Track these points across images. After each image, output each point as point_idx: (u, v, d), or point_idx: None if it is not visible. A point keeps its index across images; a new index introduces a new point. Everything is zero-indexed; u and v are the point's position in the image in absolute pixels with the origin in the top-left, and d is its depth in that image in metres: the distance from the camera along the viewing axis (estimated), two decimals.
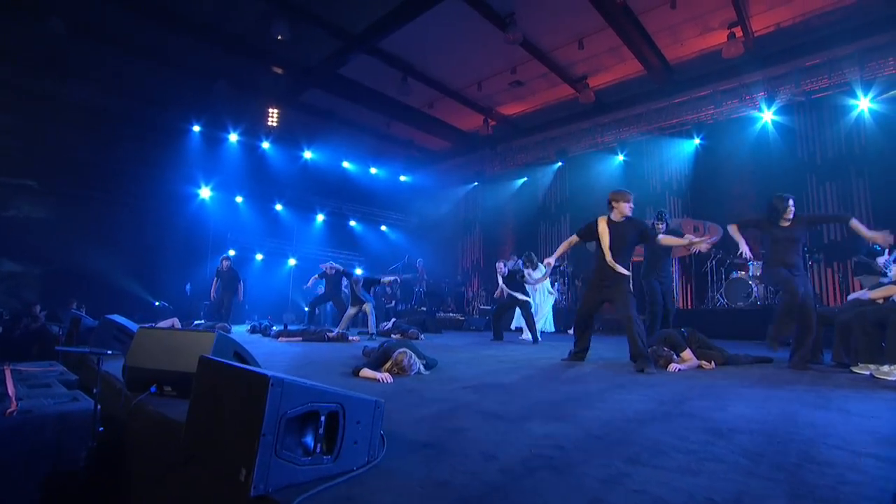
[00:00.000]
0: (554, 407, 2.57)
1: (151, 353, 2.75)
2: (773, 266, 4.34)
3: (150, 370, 2.69)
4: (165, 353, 2.71)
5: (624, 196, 4.53)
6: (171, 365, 2.66)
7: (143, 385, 2.69)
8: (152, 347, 2.78)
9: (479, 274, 15.60)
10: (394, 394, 2.92)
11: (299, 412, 1.39)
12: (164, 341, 2.79)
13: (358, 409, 1.52)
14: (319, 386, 1.48)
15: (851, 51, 8.96)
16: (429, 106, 13.17)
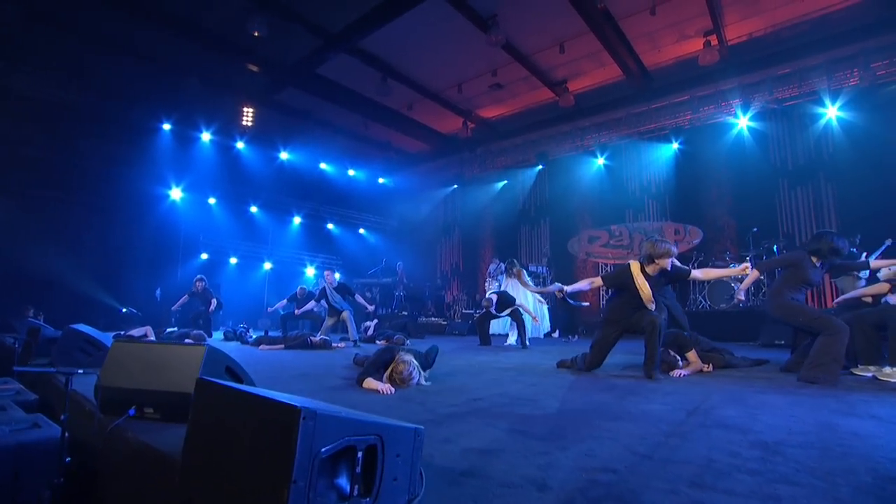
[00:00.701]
0: (579, 420, 2.43)
1: (129, 370, 2.44)
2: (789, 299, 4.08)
3: (127, 390, 2.38)
4: (146, 370, 2.42)
5: (669, 252, 4.20)
6: (153, 384, 2.37)
7: (119, 407, 2.36)
8: (130, 363, 2.47)
9: (458, 277, 15.45)
10: (402, 409, 2.73)
11: (335, 449, 1.17)
12: (144, 356, 2.49)
13: (398, 440, 1.30)
14: (356, 415, 1.26)
15: (820, 61, 9.26)
16: (408, 107, 12.98)
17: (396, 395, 3.21)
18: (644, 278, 4.20)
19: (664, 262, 4.16)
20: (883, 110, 8.74)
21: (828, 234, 4.20)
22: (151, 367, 2.42)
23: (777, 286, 4.21)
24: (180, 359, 2.41)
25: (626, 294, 4.27)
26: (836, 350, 3.67)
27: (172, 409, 2.30)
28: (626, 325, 4.30)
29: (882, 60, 8.78)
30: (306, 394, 3.18)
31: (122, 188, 10.85)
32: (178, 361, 2.40)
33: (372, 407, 2.72)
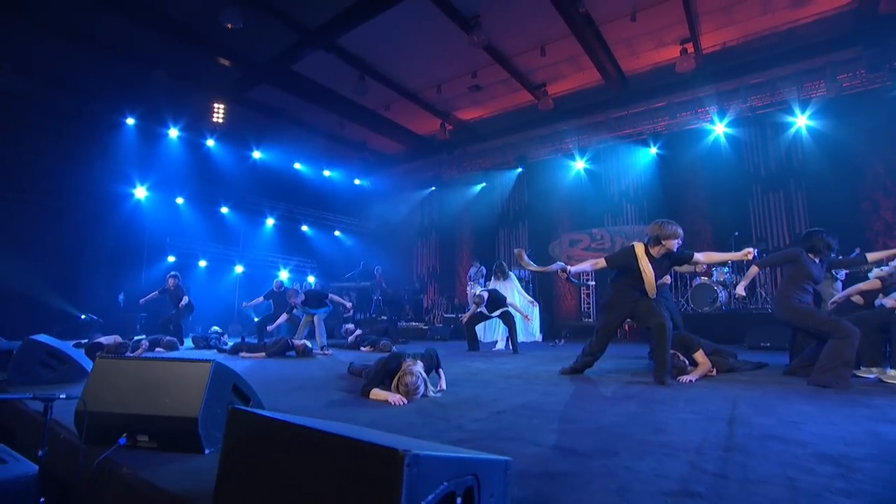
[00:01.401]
0: (620, 433, 2.29)
1: (118, 391, 2.13)
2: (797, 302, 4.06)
3: (117, 415, 2.07)
4: (140, 391, 2.11)
5: (676, 234, 4.10)
6: (149, 407, 2.07)
7: (107, 435, 2.06)
8: (119, 384, 2.16)
9: (435, 281, 15.26)
10: (428, 425, 2.51)
11: (437, 498, 0.96)
12: (136, 375, 2.18)
13: (491, 477, 1.09)
14: (451, 453, 1.04)
15: (790, 72, 9.59)
16: (386, 108, 12.75)
17: (412, 408, 3.00)
18: (648, 261, 4.12)
19: (671, 243, 4.08)
20: (848, 120, 9.11)
21: (818, 231, 4.28)
22: (146, 387, 2.12)
23: (783, 289, 4.19)
24: (182, 377, 2.12)
25: (630, 276, 4.17)
26: (847, 354, 3.66)
27: (172, 436, 2.02)
28: (629, 311, 4.22)
29: (847, 73, 9.16)
30: (313, 409, 2.95)
31: (82, 186, 10.15)
32: (178, 380, 2.11)
33: (395, 424, 2.51)
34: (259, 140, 12.68)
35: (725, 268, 8.21)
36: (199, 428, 1.98)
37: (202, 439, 1.99)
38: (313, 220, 14.72)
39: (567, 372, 4.55)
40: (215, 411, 2.09)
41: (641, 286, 4.12)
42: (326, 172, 14.63)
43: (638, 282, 4.12)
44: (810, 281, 4.13)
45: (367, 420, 2.64)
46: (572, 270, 4.35)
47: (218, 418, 2.11)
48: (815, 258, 4.17)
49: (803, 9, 8.80)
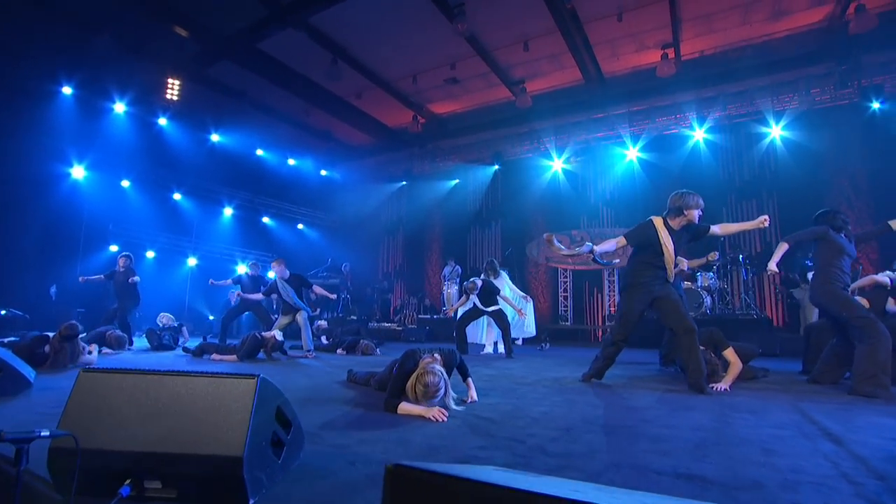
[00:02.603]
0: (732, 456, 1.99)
1: (117, 419, 1.55)
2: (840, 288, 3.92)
3: (116, 454, 1.49)
4: (148, 419, 1.54)
5: (698, 204, 3.95)
6: (163, 441, 1.50)
7: (102, 483, 1.48)
8: (117, 407, 1.58)
9: (402, 280, 14.71)
10: (498, 447, 2.09)
11: None
12: (142, 395, 1.60)
13: None
14: None
15: (766, 83, 9.87)
16: (356, 96, 12.12)
17: (462, 425, 2.55)
18: (668, 233, 3.93)
19: (693, 213, 3.92)
20: (818, 133, 9.48)
21: (830, 210, 4.28)
22: (160, 413, 1.55)
23: (823, 273, 4.02)
24: (214, 398, 1.55)
25: (649, 252, 3.97)
26: (883, 359, 3.54)
27: (201, 482, 1.47)
28: (652, 296, 3.97)
29: (819, 87, 9.52)
30: (346, 429, 2.42)
31: (7, 163, 8.80)
32: (210, 403, 1.55)
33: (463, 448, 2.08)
34: (218, 122, 11.64)
35: (710, 273, 8.27)
36: (244, 471, 1.44)
37: (247, 485, 1.45)
38: (275, 211, 13.75)
39: (589, 377, 4.25)
40: (260, 444, 1.56)
41: (661, 262, 3.92)
42: (291, 161, 13.72)
43: (657, 257, 3.92)
44: (846, 256, 4.02)
45: (425, 445, 2.18)
46: (598, 250, 4.08)
47: (263, 454, 1.58)
48: (839, 234, 4.11)
49: (779, 23, 9.05)
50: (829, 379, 4.17)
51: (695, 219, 3.94)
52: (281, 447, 1.73)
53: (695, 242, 4.23)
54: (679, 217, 3.95)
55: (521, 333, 7.52)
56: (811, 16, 8.80)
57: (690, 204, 3.92)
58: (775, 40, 9.39)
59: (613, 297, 10.79)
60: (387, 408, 2.87)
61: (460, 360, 3.33)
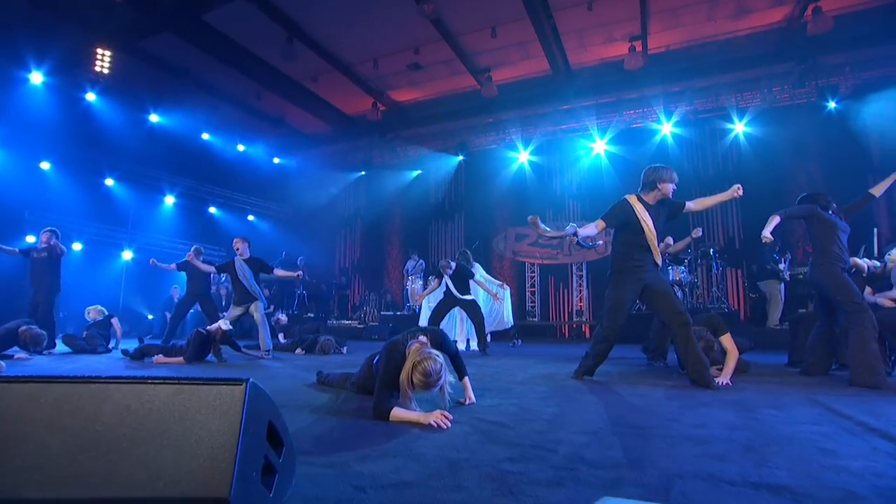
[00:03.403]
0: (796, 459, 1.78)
1: (30, 452, 1.02)
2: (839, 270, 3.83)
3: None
4: (76, 449, 1.02)
5: (671, 176, 3.82)
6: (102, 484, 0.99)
7: None
8: (33, 433, 1.04)
9: (360, 275, 14.08)
10: (528, 458, 1.74)
11: None
12: (69, 411, 1.07)
13: None
14: None
15: (729, 80, 10.05)
16: (312, 80, 11.41)
17: (473, 431, 2.15)
18: (644, 208, 3.78)
19: (667, 187, 3.79)
20: (778, 131, 9.74)
21: (810, 192, 4.31)
22: (100, 441, 1.03)
23: (823, 253, 3.92)
24: (183, 415, 1.08)
25: (629, 231, 3.80)
26: (871, 346, 3.54)
27: None
28: (642, 282, 3.74)
29: (780, 85, 9.78)
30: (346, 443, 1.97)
31: None
32: (176, 422, 1.07)
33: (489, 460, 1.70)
34: (157, 101, 10.55)
35: (682, 266, 8.26)
36: None
37: None
38: (223, 200, 12.71)
39: (581, 374, 3.95)
40: (249, 477, 1.07)
41: (644, 241, 3.75)
42: (241, 147, 12.75)
43: (639, 236, 3.75)
44: (840, 231, 3.97)
45: (443, 460, 1.75)
46: (581, 234, 3.81)
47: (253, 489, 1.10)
48: (827, 211, 4.08)
49: (742, 21, 9.22)
50: (820, 370, 4.12)
51: (669, 192, 3.81)
52: (272, 475, 1.25)
53: (672, 221, 4.07)
54: (653, 191, 3.82)
55: (499, 325, 7.15)
56: (772, 15, 9.01)
57: (664, 177, 3.79)
58: (739, 38, 9.56)
59: (582, 293, 10.70)
60: (376, 414, 2.38)
61: (455, 349, 2.91)
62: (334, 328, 9.49)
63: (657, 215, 3.84)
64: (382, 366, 2.54)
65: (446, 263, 6.43)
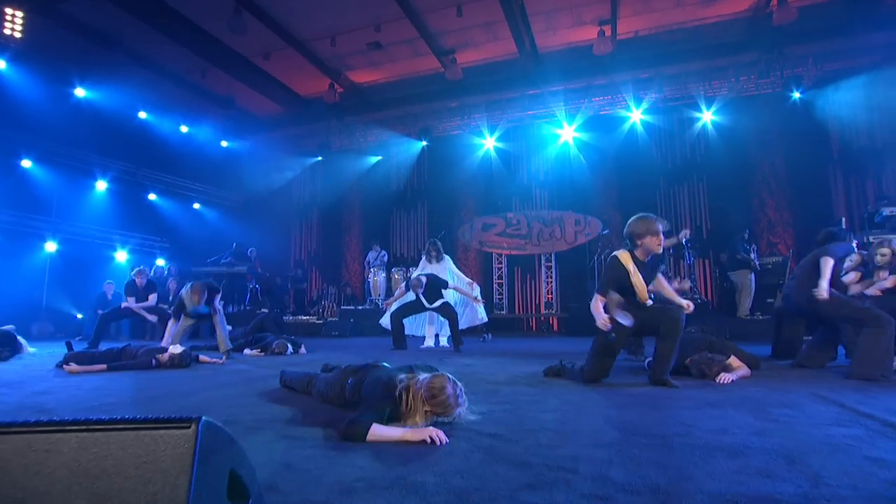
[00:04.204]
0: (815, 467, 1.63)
1: None
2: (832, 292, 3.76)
3: None
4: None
5: (655, 228, 3.28)
6: None
7: None
8: None
9: (317, 267, 13.34)
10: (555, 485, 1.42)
11: None
12: None
13: None
14: None
15: (699, 68, 9.97)
16: (264, 57, 10.57)
17: (471, 449, 1.78)
18: (635, 268, 3.31)
19: (650, 242, 3.25)
20: (745, 121, 9.75)
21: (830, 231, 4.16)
22: None
23: (811, 279, 3.81)
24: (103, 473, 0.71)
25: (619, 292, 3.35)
26: (887, 343, 3.46)
27: None
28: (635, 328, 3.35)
29: (746, 75, 9.77)
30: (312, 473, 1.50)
31: None
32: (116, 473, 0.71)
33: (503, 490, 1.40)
34: (84, 73, 9.40)
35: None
36: None
37: None
38: (165, 186, 11.60)
39: (550, 374, 3.72)
40: None
41: (632, 300, 3.33)
42: (184, 129, 11.67)
43: (629, 298, 3.32)
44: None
45: (447, 490, 1.42)
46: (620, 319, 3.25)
47: None
48: None
49: (710, 8, 9.11)
50: (818, 363, 4.06)
51: (655, 248, 3.28)
52: None
53: None
54: (637, 248, 3.33)
55: (473, 322, 6.75)
56: (739, 3, 8.94)
57: (650, 229, 3.27)
58: (707, 25, 9.45)
59: (551, 284, 10.45)
60: (348, 434, 1.93)
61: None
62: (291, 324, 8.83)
63: (649, 274, 3.39)
64: (377, 394, 2.14)
65: (417, 282, 5.98)
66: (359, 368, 2.54)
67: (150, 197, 11.45)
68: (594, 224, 9.86)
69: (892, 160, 8.72)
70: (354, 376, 2.48)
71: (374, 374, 2.34)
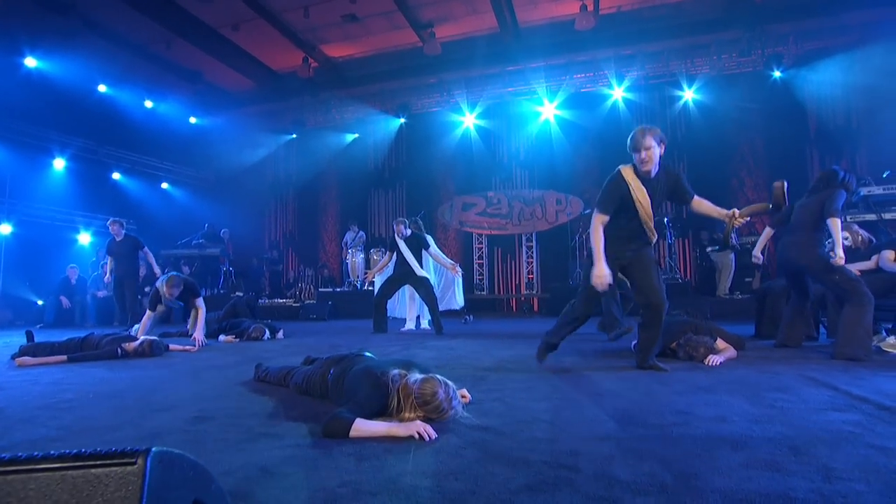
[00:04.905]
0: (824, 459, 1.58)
1: None
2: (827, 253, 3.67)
3: None
4: None
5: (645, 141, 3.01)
6: None
7: None
8: None
9: (293, 249, 13.01)
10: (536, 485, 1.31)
11: None
12: None
13: None
14: None
15: (680, 45, 9.85)
16: (233, 28, 10.05)
17: (455, 445, 1.68)
18: (643, 184, 3.04)
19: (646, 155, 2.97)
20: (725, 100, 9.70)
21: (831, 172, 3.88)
22: None
23: (810, 234, 3.75)
24: None
25: (623, 217, 3.10)
26: (867, 321, 3.46)
27: None
28: (619, 262, 3.18)
29: (728, 53, 9.70)
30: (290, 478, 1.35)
31: None
32: None
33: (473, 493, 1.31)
34: (35, 42, 8.74)
35: None
36: None
37: None
38: (129, 165, 11.01)
39: (543, 353, 3.44)
40: None
41: (636, 224, 3.10)
42: (149, 104, 11.05)
43: (632, 220, 3.09)
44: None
45: (441, 493, 1.32)
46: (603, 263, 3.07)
47: None
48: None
49: None
50: (795, 341, 4.05)
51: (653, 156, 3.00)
52: None
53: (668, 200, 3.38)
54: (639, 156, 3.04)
55: (448, 305, 6.62)
56: None
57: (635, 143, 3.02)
58: (689, 1, 9.33)
59: (532, 264, 10.39)
60: (330, 430, 1.80)
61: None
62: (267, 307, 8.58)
63: (656, 188, 3.10)
64: (364, 389, 2.00)
65: (401, 220, 5.84)
66: (342, 358, 2.42)
67: (114, 176, 10.86)
68: (576, 203, 9.77)
69: (867, 141, 8.82)
70: (337, 366, 2.36)
71: (360, 364, 2.21)
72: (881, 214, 6.17)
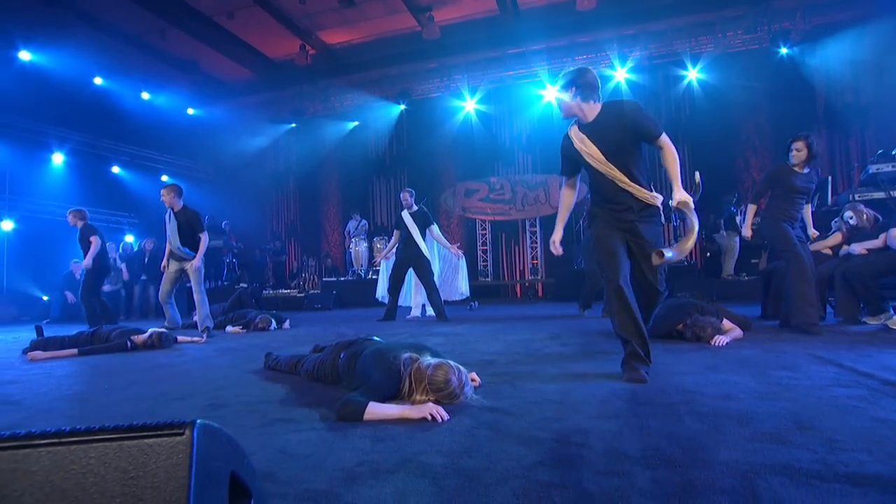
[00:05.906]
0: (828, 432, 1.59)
1: None
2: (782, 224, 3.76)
3: None
4: None
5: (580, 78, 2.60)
6: None
7: None
8: None
9: (296, 239, 13.01)
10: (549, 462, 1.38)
11: None
12: None
13: None
14: None
15: (683, 24, 9.67)
16: (228, 16, 9.93)
17: (467, 426, 1.70)
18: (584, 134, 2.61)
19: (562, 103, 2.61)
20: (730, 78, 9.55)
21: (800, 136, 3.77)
22: None
23: (769, 206, 3.92)
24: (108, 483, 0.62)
25: (592, 180, 2.70)
26: (802, 289, 3.58)
27: None
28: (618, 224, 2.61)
29: (733, 30, 9.54)
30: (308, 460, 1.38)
31: None
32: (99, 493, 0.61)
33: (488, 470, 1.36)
34: (29, 35, 8.64)
35: None
36: None
37: None
38: (129, 158, 10.96)
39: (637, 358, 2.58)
40: None
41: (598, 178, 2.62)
42: (145, 95, 10.96)
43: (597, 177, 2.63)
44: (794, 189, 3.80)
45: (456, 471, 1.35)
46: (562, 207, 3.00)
47: None
48: (801, 169, 3.78)
49: None
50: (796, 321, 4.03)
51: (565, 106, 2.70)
52: None
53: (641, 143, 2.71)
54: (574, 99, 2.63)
55: (452, 294, 6.59)
56: None
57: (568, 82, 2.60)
58: None
59: (536, 250, 10.38)
60: (344, 414, 1.82)
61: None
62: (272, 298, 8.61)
63: (602, 136, 2.58)
64: (376, 373, 2.02)
65: (409, 190, 5.86)
66: (352, 342, 2.45)
67: (114, 170, 10.81)
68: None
69: (877, 118, 8.68)
70: (347, 350, 2.37)
71: (371, 348, 2.22)
72: (890, 192, 6.12)
